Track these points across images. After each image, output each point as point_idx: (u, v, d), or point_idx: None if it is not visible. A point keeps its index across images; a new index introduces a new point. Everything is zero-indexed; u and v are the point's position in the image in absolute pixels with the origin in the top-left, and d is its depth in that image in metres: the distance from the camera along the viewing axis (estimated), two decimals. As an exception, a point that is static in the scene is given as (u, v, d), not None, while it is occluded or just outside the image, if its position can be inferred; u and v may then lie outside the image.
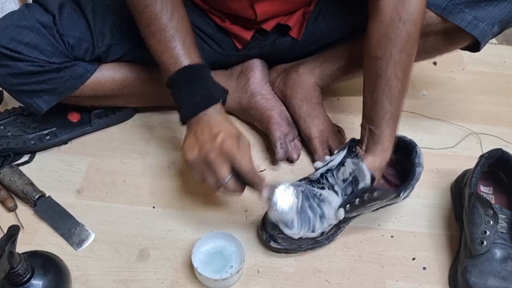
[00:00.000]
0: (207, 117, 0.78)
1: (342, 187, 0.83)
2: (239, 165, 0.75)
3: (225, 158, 0.75)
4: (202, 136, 0.77)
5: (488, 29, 0.87)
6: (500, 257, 0.79)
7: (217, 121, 0.78)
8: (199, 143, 0.77)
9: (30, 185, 0.93)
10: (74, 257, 0.85)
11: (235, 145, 0.75)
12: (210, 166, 0.76)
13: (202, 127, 0.78)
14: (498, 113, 1.17)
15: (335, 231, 0.87)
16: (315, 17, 1.00)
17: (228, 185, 0.77)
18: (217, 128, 0.77)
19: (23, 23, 0.88)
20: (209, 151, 0.75)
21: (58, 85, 0.92)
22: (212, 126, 0.77)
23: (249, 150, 0.78)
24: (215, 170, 0.75)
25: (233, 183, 0.77)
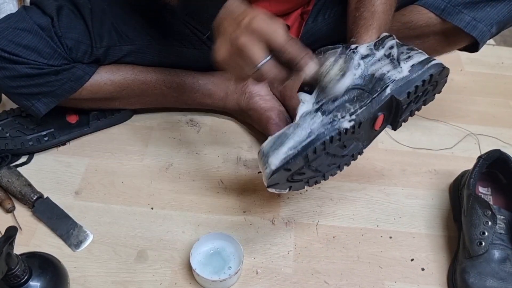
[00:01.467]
0: (228, 12, 0.70)
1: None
2: (273, 39, 0.66)
3: (257, 37, 0.66)
4: (228, 30, 0.69)
5: (486, 30, 0.88)
6: (499, 258, 0.79)
7: (239, 10, 0.69)
8: (227, 36, 0.68)
9: (28, 186, 0.93)
10: (72, 258, 0.84)
11: (264, 21, 0.66)
12: (242, 51, 0.66)
13: (226, 22, 0.70)
14: (496, 114, 1.17)
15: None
16: (314, 17, 1.00)
17: (268, 69, 0.67)
18: (241, 15, 0.68)
19: (21, 25, 0.88)
20: (238, 36, 0.66)
21: (56, 88, 0.92)
22: (235, 17, 0.69)
23: (282, 26, 0.68)
24: (248, 54, 0.66)
25: (273, 66, 0.67)
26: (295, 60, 0.66)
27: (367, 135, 0.77)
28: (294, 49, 0.66)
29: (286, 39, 0.66)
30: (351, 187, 0.98)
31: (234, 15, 0.69)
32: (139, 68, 1.01)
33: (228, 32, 0.68)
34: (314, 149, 0.70)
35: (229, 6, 0.71)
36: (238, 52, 0.67)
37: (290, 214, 0.93)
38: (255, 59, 0.66)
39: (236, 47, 0.67)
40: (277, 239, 0.89)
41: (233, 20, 0.68)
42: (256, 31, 0.66)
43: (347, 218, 0.93)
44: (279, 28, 0.66)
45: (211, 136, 1.08)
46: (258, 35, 0.66)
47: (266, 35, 0.66)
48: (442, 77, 0.76)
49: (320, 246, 0.88)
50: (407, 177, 1.01)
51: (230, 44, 0.67)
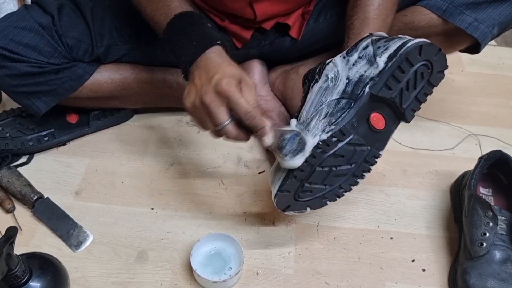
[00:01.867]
0: (205, 61, 0.73)
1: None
2: (235, 106, 0.69)
3: (222, 99, 0.69)
4: (199, 81, 0.72)
5: (488, 31, 0.88)
6: (500, 259, 0.79)
7: (215, 63, 0.72)
8: (196, 87, 0.72)
9: (28, 186, 0.93)
10: (72, 259, 0.84)
11: (232, 85, 0.69)
12: (207, 109, 0.70)
13: (199, 72, 0.72)
14: (497, 115, 1.17)
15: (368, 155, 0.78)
16: (316, 17, 1.00)
17: (228, 130, 0.71)
18: (214, 70, 0.71)
19: (22, 24, 0.88)
20: (205, 93, 0.69)
21: (57, 86, 0.92)
22: (209, 69, 0.71)
23: (251, 91, 0.71)
24: (213, 113, 0.70)
25: (233, 128, 0.71)
26: (254, 130, 0.70)
27: (373, 138, 0.76)
28: (254, 120, 0.69)
29: (247, 109, 0.69)
30: (352, 187, 0.98)
31: (209, 67, 0.72)
32: (139, 67, 1.01)
33: (197, 84, 0.71)
34: (299, 168, 0.73)
35: (208, 55, 0.73)
36: (204, 107, 0.70)
37: (290, 215, 0.93)
38: (217, 120, 0.70)
39: (203, 102, 0.70)
40: (277, 240, 0.89)
41: (205, 72, 0.71)
42: (221, 94, 0.68)
43: (348, 218, 0.93)
44: (246, 95, 0.69)
45: (211, 137, 1.08)
46: (224, 97, 0.68)
47: (229, 100, 0.68)
48: (432, 53, 0.73)
49: (320, 247, 0.88)
50: (408, 178, 1.01)
51: (198, 97, 0.71)
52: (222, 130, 0.71)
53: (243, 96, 0.69)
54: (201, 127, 0.75)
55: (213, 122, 0.71)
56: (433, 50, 0.73)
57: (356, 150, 0.74)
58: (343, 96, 0.74)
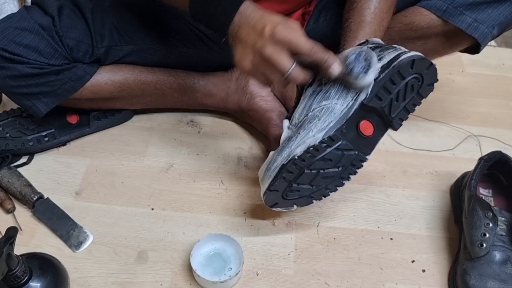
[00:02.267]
0: (243, 19, 0.72)
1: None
2: (298, 47, 0.70)
3: (281, 46, 0.69)
4: (248, 39, 0.71)
5: (488, 31, 0.88)
6: (500, 260, 0.79)
7: (256, 16, 0.72)
8: (249, 46, 0.71)
9: (29, 186, 0.93)
10: (72, 259, 0.84)
11: (286, 29, 0.69)
12: (270, 61, 0.70)
13: (243, 31, 0.72)
14: (497, 115, 1.17)
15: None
16: (316, 18, 1.00)
17: (296, 75, 0.71)
18: (260, 22, 0.71)
19: (22, 25, 0.88)
20: (262, 47, 0.69)
21: (57, 88, 0.92)
22: (254, 24, 0.71)
23: (301, 32, 0.72)
24: (276, 64, 0.70)
25: (299, 71, 0.71)
26: (321, 63, 0.71)
27: (360, 144, 0.78)
28: (319, 54, 0.70)
29: (310, 45, 0.70)
30: (352, 188, 0.98)
31: (252, 22, 0.71)
32: (139, 68, 1.01)
33: (249, 42, 0.71)
34: (288, 169, 0.75)
35: (244, 11, 0.72)
36: (264, 61, 0.70)
37: (290, 215, 0.93)
38: (284, 68, 0.70)
39: (263, 57, 0.70)
40: (277, 240, 0.89)
41: (252, 28, 0.71)
42: (281, 41, 0.69)
43: (348, 219, 0.93)
44: (300, 36, 0.70)
45: (211, 137, 1.08)
46: (283, 44, 0.69)
47: (291, 44, 0.69)
48: (423, 67, 0.75)
49: (320, 248, 0.88)
50: (408, 179, 1.01)
51: (255, 54, 0.71)
52: (289, 76, 0.70)
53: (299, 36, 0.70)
54: (266, 82, 0.74)
55: (280, 71, 0.70)
56: (425, 64, 0.75)
57: (344, 154, 0.77)
58: (336, 102, 0.75)
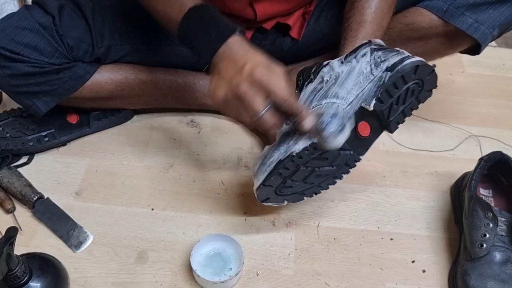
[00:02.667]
0: (228, 51, 0.71)
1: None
2: (274, 94, 0.68)
3: (257, 88, 0.68)
4: (227, 72, 0.70)
5: (488, 32, 0.88)
6: (500, 260, 0.79)
7: (241, 52, 0.70)
8: (226, 79, 0.70)
9: (29, 186, 0.93)
10: (72, 259, 0.84)
11: (266, 72, 0.68)
12: (242, 100, 0.68)
13: (224, 63, 0.71)
14: (497, 116, 1.17)
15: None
16: (317, 18, 1.00)
17: (266, 119, 0.69)
18: (242, 59, 0.69)
19: (23, 24, 0.88)
20: (238, 84, 0.68)
21: (57, 87, 0.92)
22: (236, 59, 0.70)
23: (283, 77, 0.70)
24: (249, 104, 0.68)
25: (271, 116, 0.70)
26: (294, 114, 0.70)
27: (356, 144, 0.78)
28: (293, 105, 0.69)
29: (286, 94, 0.68)
30: (352, 188, 0.98)
31: (235, 57, 0.70)
32: (140, 68, 1.01)
33: (227, 75, 0.69)
34: (285, 166, 0.75)
35: (231, 44, 0.71)
36: (238, 99, 0.69)
37: (290, 215, 0.93)
38: (255, 110, 0.68)
39: (236, 94, 0.68)
40: (277, 241, 0.89)
41: (234, 63, 0.69)
42: (257, 83, 0.67)
43: (348, 219, 0.93)
44: (280, 81, 0.68)
45: (211, 137, 1.08)
46: (259, 86, 0.67)
47: (267, 88, 0.68)
48: (425, 73, 0.75)
49: (320, 248, 0.88)
50: (408, 179, 1.01)
51: (230, 90, 0.69)
52: (259, 120, 0.69)
53: (277, 83, 0.68)
54: (236, 118, 0.73)
55: (250, 113, 0.69)
56: (427, 70, 0.75)
57: (340, 154, 0.77)
58: (335, 101, 0.75)
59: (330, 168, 0.78)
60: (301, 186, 0.80)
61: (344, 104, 0.75)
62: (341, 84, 0.76)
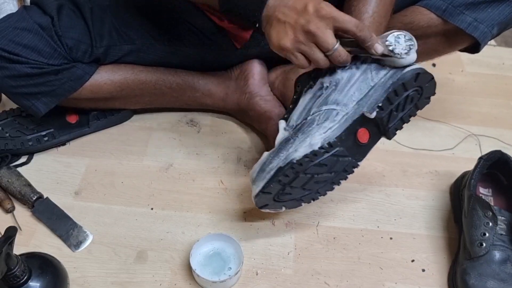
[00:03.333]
0: (279, 1, 0.72)
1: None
2: (345, 23, 0.69)
3: (327, 23, 0.69)
4: (289, 17, 0.70)
5: (488, 31, 0.88)
6: (499, 259, 0.79)
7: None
8: (291, 23, 0.70)
9: (28, 186, 0.93)
10: (71, 259, 0.84)
11: (330, 7, 0.69)
12: (315, 36, 0.69)
13: (281, 11, 0.71)
14: (497, 115, 1.17)
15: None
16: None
17: (340, 51, 0.71)
18: (300, 2, 0.70)
19: (21, 24, 0.88)
20: (308, 22, 0.69)
21: (56, 87, 0.92)
22: (293, 4, 0.70)
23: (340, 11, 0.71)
24: (322, 40, 0.69)
25: (343, 49, 0.71)
26: (365, 41, 0.70)
27: (355, 150, 0.78)
28: (364, 32, 0.70)
29: (356, 22, 0.69)
30: (351, 188, 0.98)
31: (289, 2, 0.70)
32: (139, 68, 1.01)
33: (290, 20, 0.70)
34: (285, 173, 0.75)
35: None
36: (307, 39, 0.69)
37: (290, 215, 0.93)
38: (329, 44, 0.69)
39: (307, 33, 0.69)
40: (277, 240, 0.89)
41: (291, 8, 0.70)
42: (326, 17, 0.68)
43: (348, 219, 0.93)
44: (344, 14, 0.70)
45: (211, 137, 1.08)
46: (328, 21, 0.69)
47: (337, 20, 0.69)
48: (425, 81, 0.76)
49: (320, 247, 0.88)
50: (408, 178, 1.01)
51: (297, 32, 0.69)
52: (334, 53, 0.70)
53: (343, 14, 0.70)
54: (304, 62, 0.73)
55: (324, 48, 0.70)
56: (427, 78, 0.76)
57: (339, 160, 0.77)
58: (335, 108, 0.75)
59: (328, 175, 0.79)
60: (299, 192, 0.80)
61: (344, 111, 0.75)
62: (341, 90, 0.76)
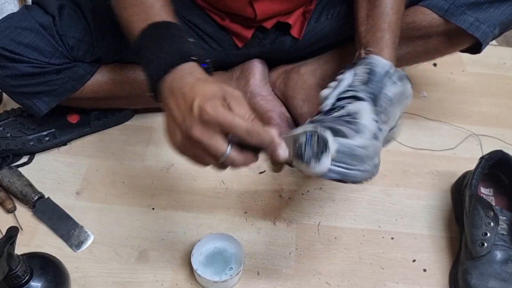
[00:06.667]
0: (178, 82, 0.61)
1: (365, 89, 0.69)
2: (232, 129, 0.57)
3: (212, 128, 0.57)
4: (177, 111, 0.60)
5: (489, 31, 0.88)
6: (501, 259, 0.79)
7: (189, 85, 0.60)
8: (177, 121, 0.59)
9: (29, 186, 0.93)
10: (73, 259, 0.84)
11: (218, 106, 0.57)
12: (199, 145, 0.58)
13: (174, 97, 0.60)
14: (498, 115, 1.17)
15: None
16: (317, 17, 1.00)
17: (233, 158, 0.59)
18: (192, 94, 0.58)
19: (23, 24, 0.88)
20: (190, 127, 0.57)
21: (57, 87, 0.92)
22: (185, 93, 0.59)
23: (242, 104, 0.59)
24: (208, 148, 0.58)
25: (237, 154, 0.59)
26: (263, 146, 0.59)
27: None
28: (259, 136, 0.58)
29: (247, 127, 0.57)
30: (352, 187, 0.97)
31: (183, 90, 0.60)
32: (140, 68, 1.00)
33: (178, 117, 0.59)
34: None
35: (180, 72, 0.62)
36: (194, 144, 0.58)
37: (291, 215, 0.93)
38: (217, 152, 0.58)
39: (192, 140, 0.58)
40: (278, 240, 0.89)
41: (182, 99, 0.59)
42: (210, 121, 0.57)
43: (349, 219, 0.93)
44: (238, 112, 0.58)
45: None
46: (213, 125, 0.57)
47: (223, 123, 0.57)
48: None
49: (321, 247, 0.88)
50: (409, 178, 1.01)
51: (183, 135, 0.59)
52: (225, 161, 0.59)
53: (235, 113, 0.57)
54: (201, 165, 0.62)
55: (213, 156, 0.59)
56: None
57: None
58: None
59: None
60: None
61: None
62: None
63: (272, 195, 0.96)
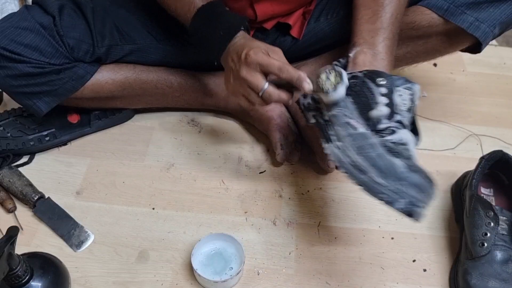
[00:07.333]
0: (234, 46, 0.79)
1: (407, 116, 0.80)
2: (268, 67, 0.75)
3: (254, 68, 0.75)
4: (231, 64, 0.79)
5: (489, 31, 0.88)
6: (501, 259, 0.79)
7: (242, 44, 0.78)
8: (232, 70, 0.79)
9: (30, 186, 0.93)
10: (73, 259, 0.84)
11: (259, 52, 0.75)
12: (245, 83, 0.76)
13: (231, 57, 0.79)
14: (498, 115, 1.17)
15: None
16: (317, 17, 1.00)
17: (270, 92, 0.76)
18: (240, 49, 0.77)
19: (23, 24, 0.88)
20: (238, 70, 0.77)
21: (58, 87, 0.92)
22: (238, 51, 0.77)
23: (279, 54, 0.78)
24: (251, 84, 0.76)
25: (273, 89, 0.76)
26: (292, 81, 0.74)
27: None
28: (288, 73, 0.74)
29: (279, 65, 0.74)
30: (352, 187, 0.96)
31: (236, 49, 0.78)
32: (140, 68, 1.01)
33: (232, 66, 0.78)
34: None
35: (235, 39, 0.80)
36: (241, 83, 0.77)
37: (291, 215, 0.93)
38: (256, 87, 0.76)
39: (239, 79, 0.77)
40: (278, 240, 0.89)
41: (236, 56, 0.78)
42: (251, 63, 0.75)
43: (349, 218, 0.93)
44: (274, 55, 0.76)
45: (212, 136, 1.08)
46: (254, 65, 0.75)
47: (261, 65, 0.75)
48: None
49: (321, 247, 0.88)
50: (409, 178, 1.01)
51: (235, 78, 0.78)
52: (264, 94, 0.76)
53: (270, 58, 0.75)
54: (249, 103, 0.80)
55: (255, 90, 0.76)
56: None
57: None
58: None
59: None
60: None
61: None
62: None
63: (272, 195, 0.96)
